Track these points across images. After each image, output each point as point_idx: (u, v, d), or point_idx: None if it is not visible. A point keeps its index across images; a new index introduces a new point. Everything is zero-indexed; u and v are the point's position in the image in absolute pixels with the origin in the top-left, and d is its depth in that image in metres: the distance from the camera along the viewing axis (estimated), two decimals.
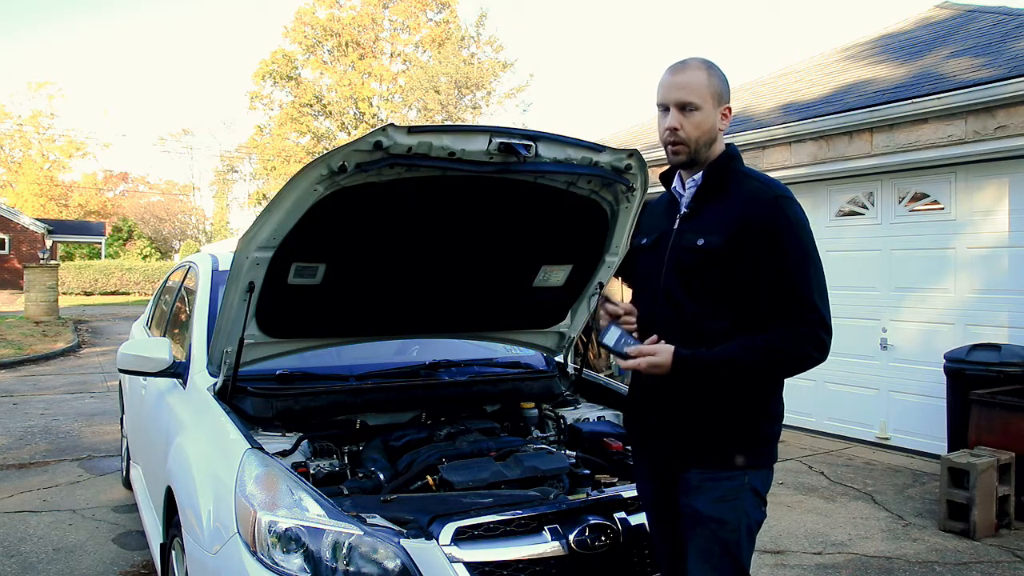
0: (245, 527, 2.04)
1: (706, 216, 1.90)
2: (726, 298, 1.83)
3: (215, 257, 3.55)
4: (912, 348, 6.18)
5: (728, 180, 1.91)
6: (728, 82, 1.94)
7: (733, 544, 1.83)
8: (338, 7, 31.26)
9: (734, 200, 1.86)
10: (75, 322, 18.20)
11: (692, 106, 1.86)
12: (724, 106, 1.91)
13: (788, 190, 1.89)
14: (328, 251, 2.49)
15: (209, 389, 2.70)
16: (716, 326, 1.83)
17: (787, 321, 1.77)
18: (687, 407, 1.87)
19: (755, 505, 1.87)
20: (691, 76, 1.87)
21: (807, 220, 1.86)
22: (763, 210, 1.81)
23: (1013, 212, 5.63)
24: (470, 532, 2.04)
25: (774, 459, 1.92)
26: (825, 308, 1.79)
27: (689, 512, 1.87)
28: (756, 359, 1.78)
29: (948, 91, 5.69)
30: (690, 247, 1.88)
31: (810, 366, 1.80)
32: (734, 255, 1.81)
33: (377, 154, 2.14)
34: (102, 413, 7.74)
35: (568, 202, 2.63)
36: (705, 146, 1.90)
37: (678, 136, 1.88)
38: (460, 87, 30.79)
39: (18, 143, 46.70)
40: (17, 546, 4.06)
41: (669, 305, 1.91)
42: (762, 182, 1.90)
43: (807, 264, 1.79)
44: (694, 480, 1.86)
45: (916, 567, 3.91)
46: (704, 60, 1.92)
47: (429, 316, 2.93)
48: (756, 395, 1.87)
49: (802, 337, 1.76)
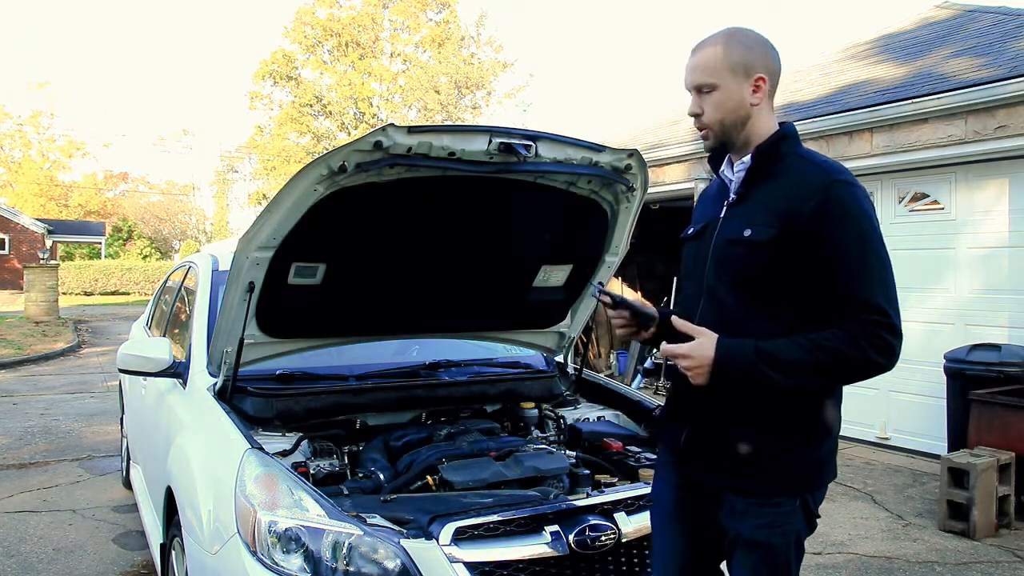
0: (245, 527, 2.04)
1: (754, 203, 1.70)
2: (775, 297, 1.64)
3: (215, 257, 3.55)
4: (912, 348, 6.13)
5: (779, 163, 1.70)
6: (763, 47, 1.72)
7: (783, 567, 1.69)
8: (338, 7, 31.23)
9: (785, 186, 1.66)
10: (75, 322, 18.20)
11: (708, 87, 1.71)
12: (755, 77, 1.70)
13: (848, 174, 1.65)
14: (328, 251, 2.49)
15: (209, 389, 2.70)
16: (763, 328, 1.63)
17: (841, 321, 1.57)
18: (732, 425, 1.68)
19: (806, 522, 1.72)
20: (705, 55, 1.71)
21: (870, 207, 1.63)
22: (816, 197, 1.60)
23: (1013, 212, 5.63)
24: (470, 532, 2.03)
25: (830, 478, 1.74)
26: (891, 307, 1.58)
27: (732, 533, 1.71)
28: (805, 357, 1.57)
29: (948, 91, 5.69)
30: (736, 238, 1.69)
31: (873, 372, 1.59)
32: (784, 248, 1.61)
33: (377, 154, 2.14)
34: (102, 413, 7.74)
35: (568, 202, 2.63)
36: (735, 126, 1.72)
37: (702, 121, 1.74)
38: (460, 87, 30.79)
39: (18, 143, 46.72)
40: (17, 546, 4.06)
41: (711, 302, 1.73)
42: (817, 164, 1.68)
43: (866, 257, 1.58)
44: (739, 505, 1.69)
45: (916, 567, 3.91)
46: (727, 31, 1.73)
47: (429, 316, 2.93)
48: (804, 414, 1.67)
49: (856, 337, 1.55)
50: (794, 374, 1.59)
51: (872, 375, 1.61)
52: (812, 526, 1.74)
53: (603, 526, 2.15)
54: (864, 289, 1.58)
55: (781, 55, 1.80)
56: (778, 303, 1.65)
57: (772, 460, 1.66)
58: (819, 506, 1.75)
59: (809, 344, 1.57)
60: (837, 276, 1.59)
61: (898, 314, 1.61)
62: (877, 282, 1.59)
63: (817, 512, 1.75)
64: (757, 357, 1.59)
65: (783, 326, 1.63)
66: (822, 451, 1.71)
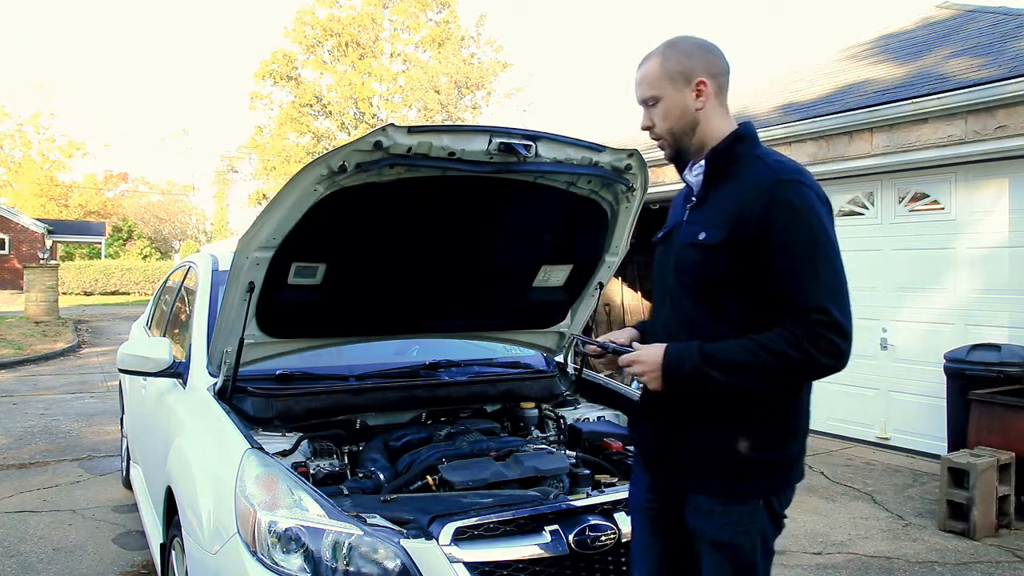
0: (245, 527, 2.04)
1: (711, 206, 1.72)
2: (729, 299, 1.67)
3: (215, 257, 3.55)
4: (912, 348, 6.18)
5: (735, 164, 1.71)
6: (702, 51, 1.75)
7: (749, 567, 1.70)
8: (338, 7, 31.21)
9: (737, 187, 1.68)
10: (75, 322, 18.20)
11: (652, 99, 1.76)
12: (696, 82, 1.72)
13: (799, 172, 1.65)
14: (328, 251, 2.49)
15: (209, 389, 2.70)
16: (719, 331, 1.65)
17: (786, 322, 1.58)
18: (695, 427, 1.71)
19: (772, 524, 1.73)
20: (645, 69, 1.76)
21: (818, 205, 1.62)
22: (763, 198, 1.61)
23: (1013, 212, 5.63)
24: (470, 532, 2.04)
25: (796, 480, 1.75)
26: (837, 306, 1.57)
27: (700, 534, 1.73)
28: (750, 359, 1.58)
29: (948, 91, 5.69)
30: (692, 242, 1.71)
31: (821, 373, 1.60)
32: (734, 250, 1.63)
33: (377, 154, 2.14)
34: (102, 413, 7.74)
35: (568, 202, 2.63)
36: (685, 133, 1.75)
37: (655, 133, 1.79)
38: (460, 87, 30.79)
39: (18, 143, 46.70)
40: (17, 546, 4.06)
41: (673, 305, 1.76)
42: (768, 165, 1.68)
43: (812, 257, 1.58)
44: (705, 505, 1.71)
45: (916, 567, 3.91)
46: (665, 42, 1.77)
47: (429, 316, 2.93)
48: (767, 414, 1.68)
49: (800, 339, 1.55)
50: (738, 375, 1.61)
51: (821, 376, 1.62)
52: (779, 527, 1.76)
53: (603, 526, 2.15)
54: (809, 289, 1.58)
55: (780, 55, 1.80)
56: (731, 306, 1.67)
57: (736, 461, 1.68)
58: (786, 508, 1.76)
59: (755, 346, 1.59)
60: (782, 277, 1.59)
61: (847, 314, 1.60)
62: (823, 282, 1.59)
63: (783, 513, 1.76)
64: (702, 359, 1.62)
65: (735, 329, 1.65)
66: (788, 453, 1.72)
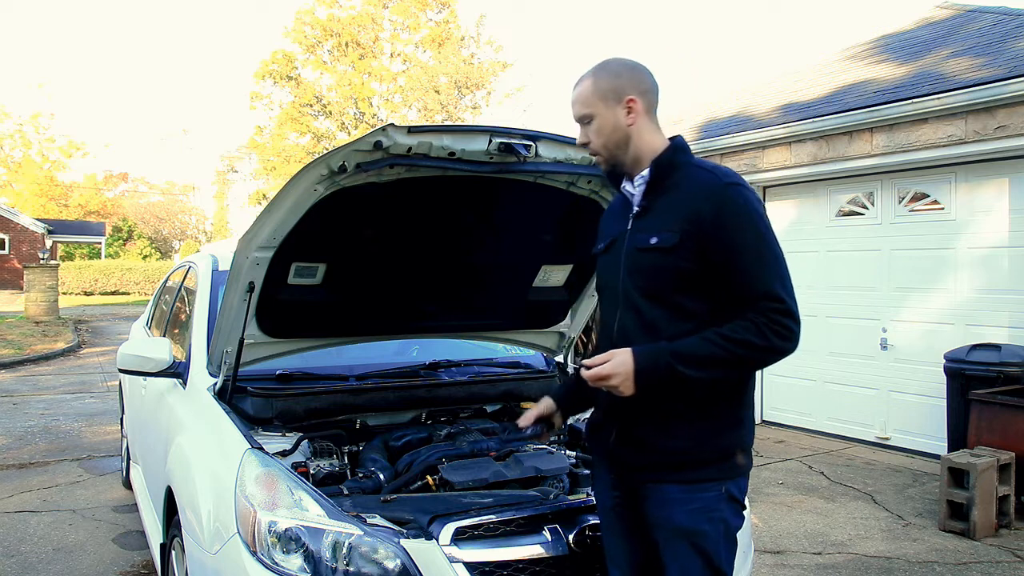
0: (245, 527, 2.04)
1: (657, 213, 1.82)
2: (687, 298, 1.76)
3: (215, 257, 3.55)
4: (912, 348, 6.18)
5: (676, 173, 1.82)
6: (631, 71, 1.85)
7: (713, 554, 1.78)
8: (338, 7, 31.18)
9: (684, 193, 1.78)
10: (75, 322, 18.21)
11: (586, 117, 1.87)
12: (625, 99, 1.82)
13: (738, 177, 1.80)
14: (328, 251, 2.49)
15: (209, 389, 2.70)
16: (680, 329, 1.74)
17: (745, 312, 1.69)
18: (654, 420, 1.80)
19: (733, 512, 1.82)
20: (578, 91, 1.88)
21: (760, 205, 1.78)
22: (712, 200, 1.73)
23: (1013, 212, 5.63)
24: (470, 532, 2.04)
25: (750, 466, 1.86)
26: (787, 294, 1.70)
27: (664, 524, 1.81)
28: (717, 351, 1.69)
29: (948, 91, 5.69)
30: (644, 247, 1.80)
31: (779, 355, 1.71)
32: (689, 251, 1.73)
33: (377, 154, 2.14)
34: (102, 413, 7.74)
35: (568, 202, 2.63)
36: (619, 147, 1.85)
37: (591, 148, 1.89)
38: (460, 87, 30.78)
39: (18, 143, 46.67)
40: (17, 546, 4.06)
41: (629, 310, 1.84)
42: (709, 171, 1.81)
43: (761, 252, 1.72)
44: (668, 493, 1.79)
45: (916, 567, 3.91)
46: (595, 66, 1.88)
47: (429, 316, 2.93)
48: (725, 402, 1.80)
49: (760, 326, 1.67)
50: (710, 368, 1.71)
51: (779, 358, 1.73)
52: (740, 516, 1.84)
53: None
54: (762, 281, 1.71)
55: (780, 55, 1.83)
56: (690, 303, 1.77)
57: (701, 449, 1.78)
58: (744, 495, 1.86)
59: (719, 338, 1.70)
60: (737, 271, 1.72)
61: (795, 300, 1.73)
62: (773, 273, 1.72)
63: (743, 503, 1.86)
64: (672, 358, 1.71)
65: (697, 324, 1.75)
66: (746, 439, 1.84)
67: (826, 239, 6.93)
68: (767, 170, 7.13)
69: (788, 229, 7.29)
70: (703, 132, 7.97)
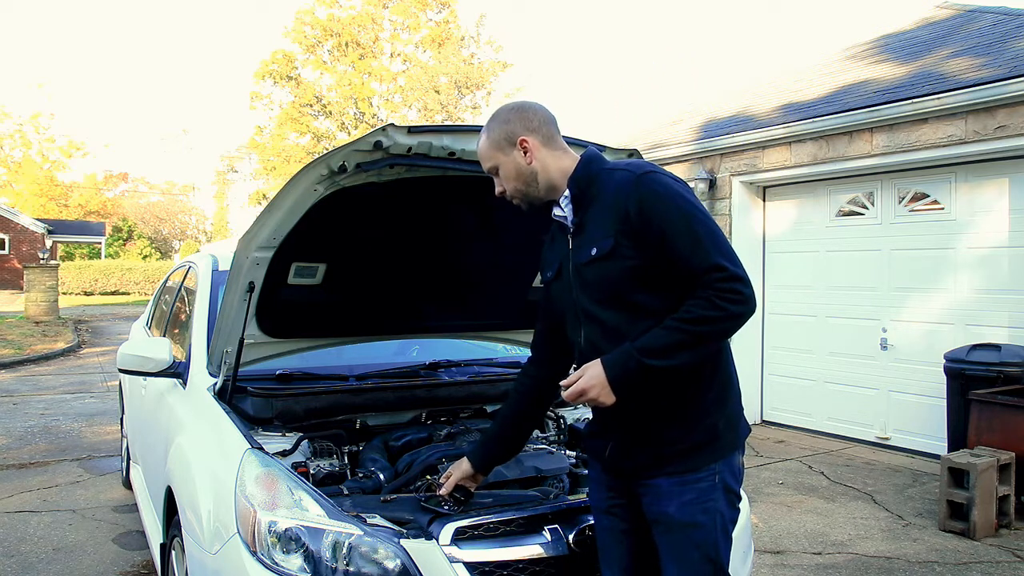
0: (245, 527, 2.04)
1: (590, 225, 1.86)
2: (641, 296, 1.79)
3: (215, 257, 3.55)
4: (912, 348, 6.18)
5: (595, 183, 1.87)
6: (517, 112, 1.91)
7: (710, 546, 1.80)
8: (338, 7, 31.18)
9: (608, 198, 1.82)
10: (75, 322, 18.21)
11: (493, 170, 1.94)
12: (518, 141, 1.88)
13: (652, 165, 1.83)
14: (328, 251, 2.49)
15: (209, 389, 2.70)
16: (647, 326, 1.76)
17: (695, 290, 1.71)
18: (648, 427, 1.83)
19: (729, 503, 1.84)
20: (479, 146, 1.95)
21: (681, 185, 1.80)
22: (632, 195, 1.76)
23: (1013, 212, 5.63)
24: (470, 532, 2.04)
25: (740, 442, 1.88)
26: (729, 261, 1.71)
27: (661, 518, 1.83)
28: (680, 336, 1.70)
29: (948, 91, 5.69)
30: (586, 260, 1.84)
31: (739, 322, 1.72)
32: (628, 249, 1.77)
33: (377, 154, 2.14)
34: (102, 413, 7.74)
35: None
36: (530, 185, 1.91)
37: (508, 195, 1.95)
38: (460, 87, 30.79)
39: (18, 143, 46.66)
40: (17, 546, 4.06)
41: (590, 323, 1.87)
42: (624, 169, 1.84)
43: (693, 228, 1.73)
44: (663, 486, 1.82)
45: (916, 567, 3.91)
46: (488, 121, 1.94)
47: (429, 316, 2.93)
48: (706, 383, 1.83)
49: (712, 298, 1.68)
50: (677, 353, 1.72)
51: (740, 323, 1.73)
52: (736, 509, 1.86)
53: None
54: (700, 256, 1.72)
55: (780, 55, 1.83)
56: (647, 300, 1.79)
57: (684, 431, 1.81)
58: (739, 484, 1.88)
59: (677, 323, 1.71)
60: (675, 254, 1.74)
61: (738, 263, 1.73)
62: (709, 245, 1.72)
63: (739, 493, 1.88)
64: (640, 355, 1.72)
65: (656, 318, 1.76)
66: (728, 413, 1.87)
67: (826, 239, 6.94)
68: (767, 170, 7.13)
69: (788, 229, 7.30)
70: (703, 132, 7.97)
